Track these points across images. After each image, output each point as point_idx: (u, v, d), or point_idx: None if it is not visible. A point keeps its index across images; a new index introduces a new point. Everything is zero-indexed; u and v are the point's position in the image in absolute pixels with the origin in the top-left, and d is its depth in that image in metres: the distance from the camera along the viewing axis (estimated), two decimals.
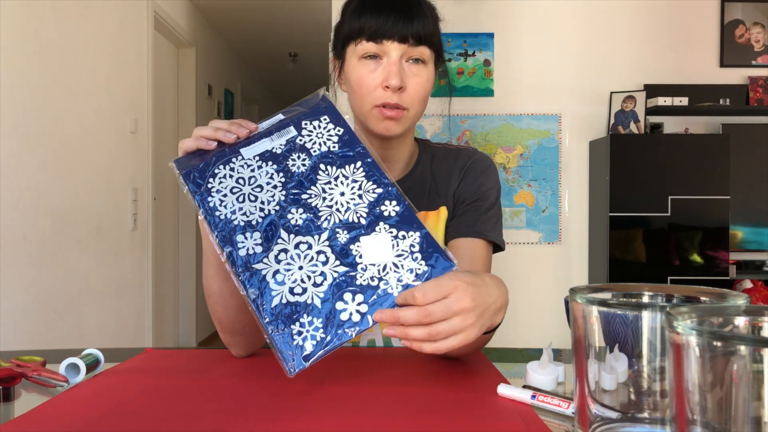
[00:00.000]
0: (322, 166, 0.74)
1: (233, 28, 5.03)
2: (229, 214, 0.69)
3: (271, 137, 0.75)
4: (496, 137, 3.57)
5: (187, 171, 0.71)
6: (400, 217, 0.71)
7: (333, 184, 0.73)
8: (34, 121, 2.28)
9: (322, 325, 0.64)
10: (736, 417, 0.36)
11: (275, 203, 0.70)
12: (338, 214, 0.71)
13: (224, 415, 0.61)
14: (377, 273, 0.67)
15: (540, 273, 3.55)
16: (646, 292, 0.55)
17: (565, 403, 0.62)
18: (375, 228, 0.70)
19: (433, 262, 0.68)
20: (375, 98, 0.90)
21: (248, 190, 0.71)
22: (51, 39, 2.41)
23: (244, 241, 0.68)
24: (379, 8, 0.88)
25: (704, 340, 0.36)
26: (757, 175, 3.42)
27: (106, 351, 0.82)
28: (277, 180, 0.72)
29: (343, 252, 0.68)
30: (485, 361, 0.83)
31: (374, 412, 0.62)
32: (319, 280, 0.66)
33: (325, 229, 0.70)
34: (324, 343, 0.63)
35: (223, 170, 0.71)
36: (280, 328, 0.64)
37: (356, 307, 0.65)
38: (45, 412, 0.63)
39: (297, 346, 0.63)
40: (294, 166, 0.73)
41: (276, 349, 0.63)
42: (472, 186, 1.00)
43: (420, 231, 0.70)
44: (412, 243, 0.69)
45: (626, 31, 3.54)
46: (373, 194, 0.72)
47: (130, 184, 3.16)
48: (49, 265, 2.39)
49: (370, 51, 0.89)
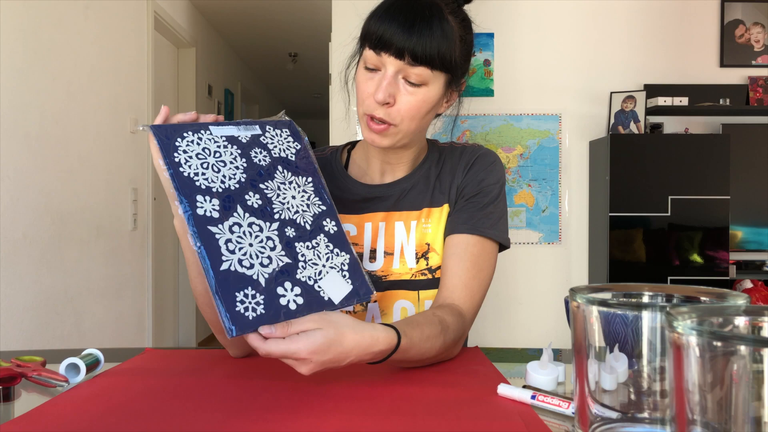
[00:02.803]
0: (280, 167, 0.77)
1: (233, 28, 5.03)
2: (192, 174, 0.70)
3: (238, 126, 0.78)
4: (496, 137, 3.57)
5: (157, 126, 0.73)
6: (336, 234, 0.78)
7: (287, 186, 0.77)
8: (34, 121, 2.29)
9: (263, 302, 0.67)
10: (736, 417, 0.36)
11: (236, 181, 0.73)
12: (288, 212, 0.75)
13: (224, 415, 0.61)
14: (314, 274, 0.72)
15: (540, 273, 3.54)
16: (646, 292, 0.55)
17: (565, 403, 0.62)
18: (316, 237, 0.76)
19: (358, 284, 0.76)
20: (366, 107, 0.89)
21: (213, 161, 0.72)
22: (51, 39, 2.41)
23: (203, 203, 0.69)
24: (389, 18, 0.85)
25: (704, 340, 0.36)
26: (757, 175, 3.42)
27: (106, 351, 0.82)
28: (239, 163, 0.74)
29: (288, 245, 0.72)
30: (485, 361, 0.83)
31: (374, 412, 0.62)
32: (265, 262, 0.70)
33: (276, 220, 0.73)
34: (262, 319, 0.66)
35: (191, 136, 0.73)
36: (227, 292, 0.66)
37: (294, 297, 0.69)
38: (45, 412, 0.63)
39: (238, 313, 0.65)
40: (256, 158, 0.76)
41: (218, 309, 0.65)
42: (473, 181, 0.99)
43: (350, 254, 0.78)
44: (343, 261, 0.76)
45: (626, 31, 3.54)
46: (318, 208, 0.78)
47: (130, 184, 3.16)
48: (49, 265, 2.39)
49: (372, 61, 0.87)
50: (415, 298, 0.97)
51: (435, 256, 0.97)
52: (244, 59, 6.05)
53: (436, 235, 0.98)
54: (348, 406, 0.64)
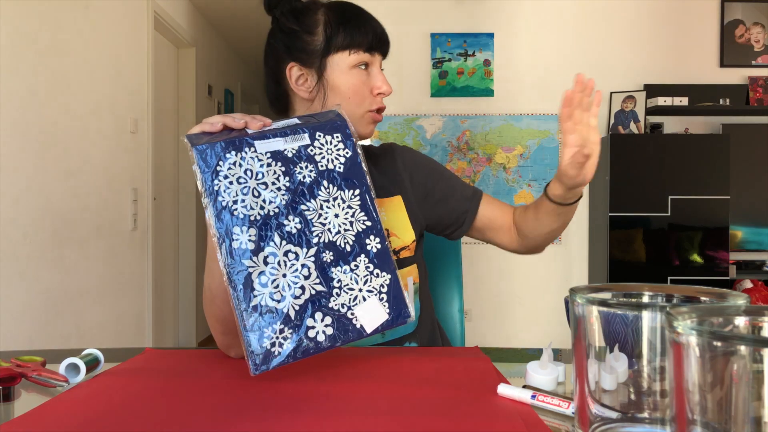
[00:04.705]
0: (325, 182, 0.74)
1: (233, 28, 5.03)
2: (231, 203, 0.69)
3: (285, 138, 0.75)
4: (496, 137, 3.57)
5: (201, 147, 0.70)
6: (379, 253, 0.75)
7: (330, 204, 0.74)
8: (34, 121, 2.29)
9: (291, 336, 0.66)
10: (736, 417, 0.36)
11: (275, 205, 0.71)
12: (328, 234, 0.72)
13: (224, 415, 0.61)
14: (348, 301, 0.71)
15: (540, 273, 3.55)
16: (646, 292, 0.55)
17: (565, 403, 0.62)
18: (357, 258, 0.73)
19: (395, 312, 0.73)
20: (370, 104, 1.01)
21: (254, 184, 0.70)
22: (51, 39, 2.41)
23: (239, 235, 0.68)
24: (371, 25, 1.00)
25: (704, 340, 0.36)
26: (757, 175, 3.42)
27: (106, 351, 0.82)
28: (282, 182, 0.72)
29: (324, 271, 0.71)
30: (485, 361, 0.83)
31: (374, 412, 0.62)
32: (298, 292, 0.68)
33: (314, 245, 0.71)
34: (288, 354, 0.66)
35: (234, 157, 0.71)
36: (254, 327, 0.66)
37: (323, 328, 0.68)
38: (45, 412, 0.63)
39: (265, 349, 0.65)
40: (300, 174, 0.73)
41: (246, 345, 0.66)
42: (423, 171, 1.12)
43: (392, 273, 0.75)
44: (382, 283, 0.74)
45: (626, 31, 3.54)
46: (363, 225, 0.75)
47: (130, 184, 3.16)
48: (49, 265, 2.39)
49: (363, 60, 0.99)
50: None
51: (396, 239, 1.05)
52: (244, 59, 6.05)
53: (392, 221, 1.05)
54: (348, 406, 0.64)
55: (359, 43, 0.98)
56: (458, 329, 1.37)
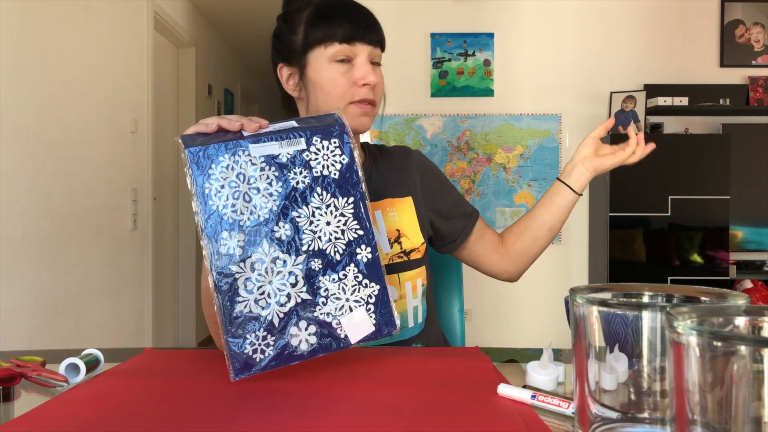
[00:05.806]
0: (318, 189, 0.73)
1: (233, 28, 5.03)
2: (221, 207, 0.68)
3: (280, 142, 0.73)
4: (496, 137, 3.57)
5: (194, 149, 0.70)
6: (369, 263, 0.74)
7: (323, 211, 0.73)
8: (34, 121, 2.29)
9: (274, 343, 0.67)
10: (736, 417, 0.36)
11: (267, 210, 0.70)
12: (319, 242, 0.72)
13: (224, 415, 0.61)
14: (334, 311, 0.71)
15: (540, 273, 3.54)
16: (646, 292, 0.55)
17: (565, 403, 0.62)
18: (345, 267, 0.72)
19: (381, 324, 0.73)
20: (351, 95, 0.97)
21: (245, 189, 0.70)
22: (51, 39, 2.41)
23: (227, 240, 0.68)
24: (347, 15, 0.97)
25: (704, 340, 0.36)
26: (757, 175, 3.42)
27: (106, 351, 0.82)
28: (274, 188, 0.71)
29: (311, 280, 0.70)
30: (485, 361, 0.83)
31: (374, 413, 0.62)
32: (283, 300, 0.68)
33: (303, 253, 0.71)
34: (269, 361, 0.67)
35: (227, 160, 0.70)
36: (237, 333, 0.66)
37: (307, 337, 0.69)
38: (45, 412, 0.63)
39: (246, 355, 0.65)
40: (294, 180, 0.72)
41: (227, 350, 0.66)
42: (432, 179, 1.13)
43: (381, 284, 0.74)
44: (370, 294, 0.73)
45: (626, 31, 3.54)
46: (355, 234, 0.74)
47: (130, 184, 3.16)
48: (49, 265, 2.39)
49: (343, 52, 0.96)
50: (395, 281, 1.02)
51: (407, 240, 1.04)
52: (244, 59, 6.05)
53: (403, 222, 1.04)
54: (348, 406, 0.64)
55: (332, 35, 0.95)
56: (458, 329, 1.37)
